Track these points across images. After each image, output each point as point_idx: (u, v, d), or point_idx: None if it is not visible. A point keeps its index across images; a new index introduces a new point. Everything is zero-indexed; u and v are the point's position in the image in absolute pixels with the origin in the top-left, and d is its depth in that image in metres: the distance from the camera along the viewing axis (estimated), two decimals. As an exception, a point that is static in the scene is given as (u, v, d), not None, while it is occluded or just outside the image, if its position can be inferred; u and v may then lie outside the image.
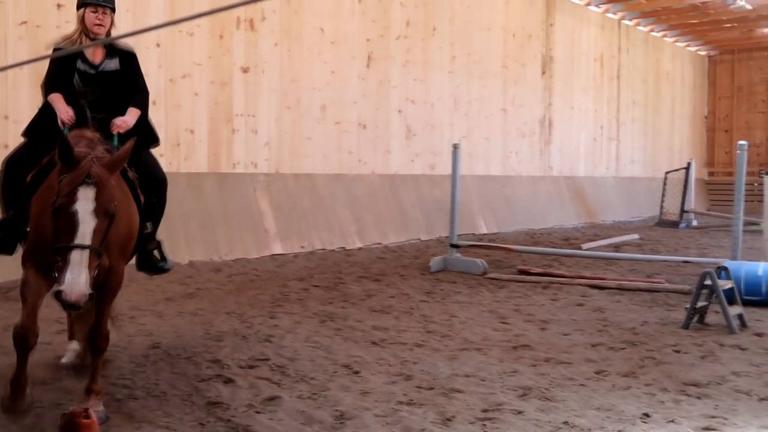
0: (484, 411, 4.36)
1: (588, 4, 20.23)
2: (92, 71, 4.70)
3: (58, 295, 3.52)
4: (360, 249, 12.35)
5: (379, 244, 12.94)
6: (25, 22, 9.01)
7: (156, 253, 4.87)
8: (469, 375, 5.11)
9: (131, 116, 4.62)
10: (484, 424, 4.15)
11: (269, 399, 4.50)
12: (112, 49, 4.79)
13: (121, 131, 4.50)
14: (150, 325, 6.48)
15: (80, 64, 4.69)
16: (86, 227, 3.65)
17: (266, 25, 11.77)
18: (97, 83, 4.69)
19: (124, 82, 4.77)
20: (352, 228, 12.82)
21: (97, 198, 3.71)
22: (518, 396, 4.67)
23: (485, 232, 15.32)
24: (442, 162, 14.38)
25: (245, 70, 11.54)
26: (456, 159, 10.42)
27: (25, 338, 4.02)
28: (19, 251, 4.54)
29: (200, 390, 4.67)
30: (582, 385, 4.94)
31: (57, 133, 4.29)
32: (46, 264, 3.95)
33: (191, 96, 10.84)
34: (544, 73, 18.67)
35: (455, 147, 10.53)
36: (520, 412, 4.34)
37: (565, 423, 4.17)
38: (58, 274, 3.58)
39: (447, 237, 10.67)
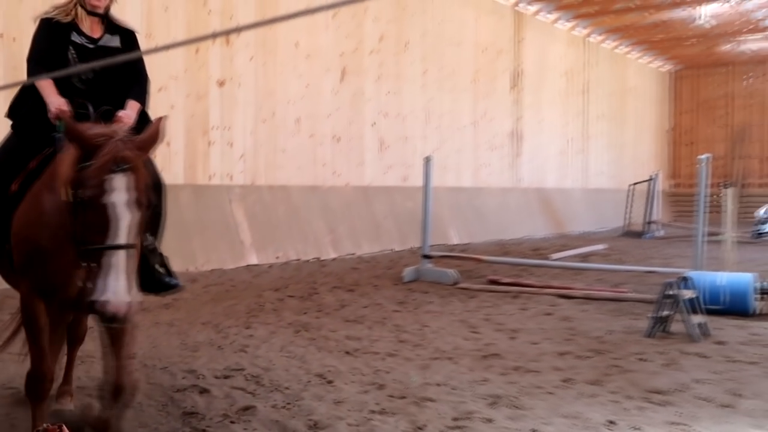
0: (455, 419, 4.38)
1: (556, 21, 20.47)
2: (91, 45, 3.97)
3: (95, 306, 2.90)
4: (334, 259, 12.35)
5: (353, 254, 12.95)
6: (0, 35, 8.93)
7: (160, 268, 4.04)
8: (440, 384, 5.13)
9: (132, 111, 3.94)
10: (455, 433, 4.17)
11: (244, 409, 4.48)
12: (111, 25, 4.09)
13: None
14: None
15: (76, 37, 3.95)
16: (123, 223, 3.03)
17: (242, 40, 11.77)
18: (96, 60, 3.90)
19: (125, 65, 4.02)
20: (327, 239, 12.82)
21: (132, 187, 3.08)
22: (488, 404, 4.69)
23: (457, 242, 15.39)
24: (415, 174, 14.44)
25: (221, 84, 11.53)
26: (428, 171, 10.48)
27: (37, 386, 3.62)
28: None
29: (176, 400, 4.64)
30: (550, 393, 4.97)
31: (48, 128, 3.76)
32: (45, 281, 3.49)
33: (167, 109, 10.78)
34: (513, 87, 18.85)
35: (427, 159, 10.59)
36: (489, 420, 4.37)
37: (533, 430, 4.20)
38: (92, 282, 2.96)
39: (419, 247, 10.71)
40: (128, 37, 4.13)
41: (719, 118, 27.62)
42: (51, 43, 3.93)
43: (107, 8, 4.07)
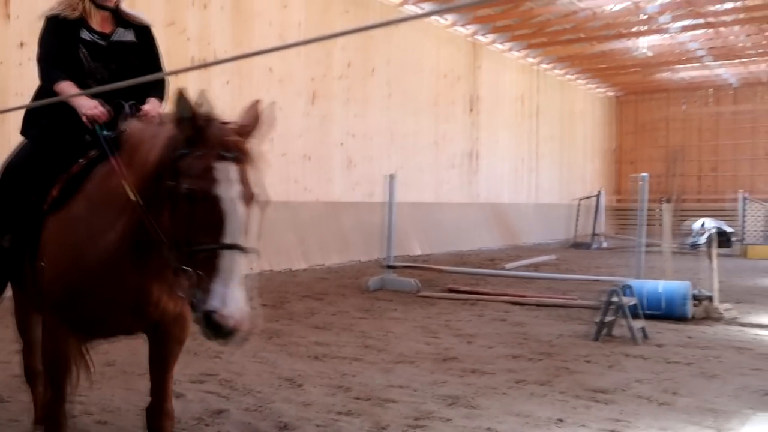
0: (416, 419, 4.36)
1: (510, 50, 20.70)
2: (103, 42, 3.39)
3: (209, 317, 2.31)
4: (304, 270, 12.28)
5: (322, 265, 12.88)
6: (-12, 59, 8.77)
7: None
8: (402, 386, 5.11)
9: (155, 107, 3.34)
10: (415, 432, 4.15)
11: (217, 412, 4.41)
12: (123, 20, 3.49)
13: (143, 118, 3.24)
14: (105, 344, 6.29)
15: (86, 34, 3.37)
16: (238, 220, 2.44)
17: (218, 65, 11.69)
18: (110, 57, 3.38)
19: (142, 60, 3.44)
20: (297, 250, 12.74)
21: (243, 178, 2.52)
22: (446, 405, 4.68)
23: (419, 253, 15.41)
24: (380, 190, 14.37)
25: (198, 106, 11.43)
26: (392, 188, 10.49)
27: (57, 425, 3.11)
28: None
29: (147, 403, 4.54)
30: (504, 393, 4.98)
31: (77, 131, 3.20)
32: (90, 319, 2.90)
33: (147, 129, 10.66)
34: (471, 110, 18.98)
35: (391, 177, 10.60)
36: (447, 420, 4.35)
37: (488, 429, 4.20)
38: (202, 291, 2.37)
39: (384, 258, 10.69)
40: (144, 33, 3.53)
41: (658, 139, 28.12)
42: (61, 42, 3.35)
43: (117, 1, 3.50)
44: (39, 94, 3.44)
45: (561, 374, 5.51)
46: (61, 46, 3.34)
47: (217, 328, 2.32)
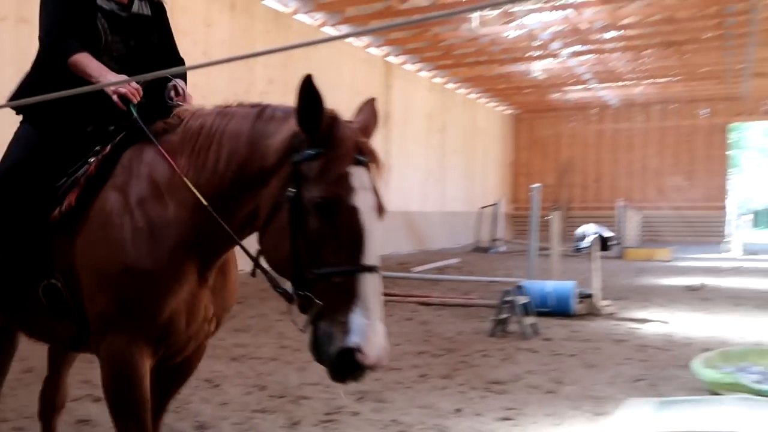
0: (327, 414, 4.34)
1: (419, 71, 20.99)
2: (123, 14, 2.74)
3: (349, 356, 1.83)
4: (226, 274, 12.01)
5: (242, 270, 12.65)
6: None
7: None
8: (315, 383, 5.06)
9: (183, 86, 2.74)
10: (326, 426, 4.13)
11: (136, 414, 4.26)
12: None
13: (182, 102, 2.70)
14: (25, 351, 5.94)
15: (103, 2, 2.69)
16: (375, 236, 1.94)
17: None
18: (130, 31, 2.74)
19: (160, 39, 2.85)
20: (220, 256, 12.46)
21: (375, 187, 2.02)
22: (356, 399, 4.68)
23: (335, 258, 15.34)
24: (299, 199, 14.32)
25: (122, 118, 11.04)
26: (309, 197, 10.41)
27: None
28: None
29: (71, 409, 4.33)
30: (408, 387, 5.02)
31: (80, 122, 2.61)
32: (161, 325, 2.25)
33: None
34: (383, 126, 19.12)
35: (308, 187, 10.52)
36: (356, 414, 4.36)
37: (393, 420, 4.23)
38: (332, 321, 1.91)
39: (301, 263, 10.57)
40: (158, 10, 2.88)
41: (549, 153, 29.08)
42: (73, 8, 2.61)
43: None
44: (40, 73, 2.69)
45: (461, 368, 5.61)
46: (73, 14, 2.61)
47: (356, 368, 1.85)
